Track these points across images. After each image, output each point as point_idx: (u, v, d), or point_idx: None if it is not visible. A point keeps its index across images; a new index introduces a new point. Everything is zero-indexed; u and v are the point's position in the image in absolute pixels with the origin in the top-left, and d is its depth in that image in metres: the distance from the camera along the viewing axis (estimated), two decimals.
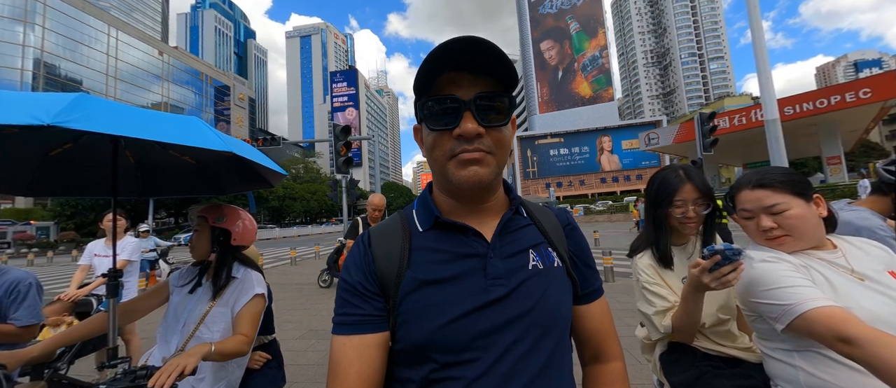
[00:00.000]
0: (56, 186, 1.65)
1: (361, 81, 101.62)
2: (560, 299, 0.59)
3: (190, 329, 1.28)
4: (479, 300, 0.53)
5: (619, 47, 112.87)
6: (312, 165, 67.27)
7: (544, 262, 0.59)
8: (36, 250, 16.96)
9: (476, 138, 0.52)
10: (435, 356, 0.53)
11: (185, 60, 72.34)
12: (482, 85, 0.52)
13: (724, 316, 1.18)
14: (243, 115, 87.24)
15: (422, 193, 0.66)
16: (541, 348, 0.54)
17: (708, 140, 10.38)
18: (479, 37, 0.49)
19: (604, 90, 67.91)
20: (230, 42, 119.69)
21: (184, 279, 1.40)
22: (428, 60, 0.50)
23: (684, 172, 1.20)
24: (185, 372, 1.02)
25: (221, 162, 1.61)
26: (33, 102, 0.92)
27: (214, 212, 1.41)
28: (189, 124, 1.18)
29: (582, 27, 69.19)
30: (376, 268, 0.57)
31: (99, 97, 1.03)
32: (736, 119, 18.82)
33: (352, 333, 0.54)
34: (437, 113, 0.53)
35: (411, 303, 0.54)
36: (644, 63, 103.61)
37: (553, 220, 0.67)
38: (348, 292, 0.57)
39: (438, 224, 0.59)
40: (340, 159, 8.77)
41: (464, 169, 0.52)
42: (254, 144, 16.21)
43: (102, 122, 0.93)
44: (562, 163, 58.71)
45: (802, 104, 16.40)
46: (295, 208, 49.93)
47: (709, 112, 9.87)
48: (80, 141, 1.42)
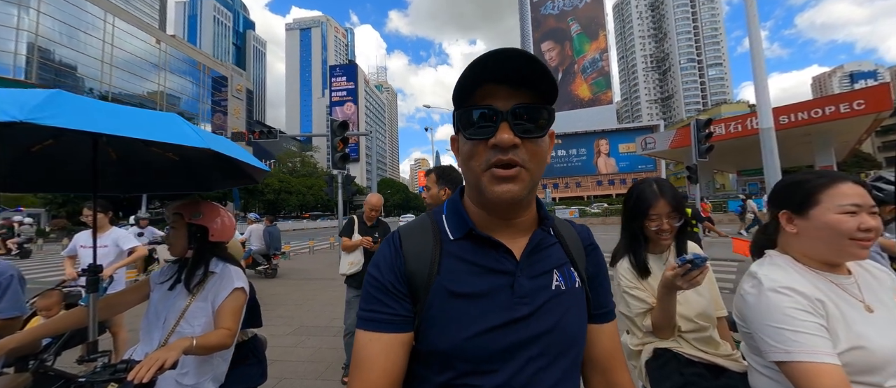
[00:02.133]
0: (37, 181, 1.64)
1: (361, 75, 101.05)
2: (577, 321, 0.60)
3: (170, 325, 1.29)
4: (505, 317, 0.55)
5: (620, 50, 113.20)
6: (309, 160, 66.85)
7: (566, 282, 0.61)
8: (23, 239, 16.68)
9: (511, 149, 0.52)
10: (457, 364, 0.54)
11: (183, 50, 71.44)
12: (520, 97, 0.53)
13: (704, 323, 1.23)
14: (241, 106, 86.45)
15: (452, 198, 0.66)
16: (556, 366, 0.56)
17: (703, 146, 10.47)
18: (520, 49, 0.50)
19: (603, 93, 68.17)
20: (229, 33, 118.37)
21: (164, 276, 1.40)
22: (468, 71, 0.51)
23: (658, 186, 1.25)
24: (166, 366, 1.02)
25: (205, 159, 1.60)
26: (7, 97, 0.90)
27: (190, 208, 1.40)
28: (167, 121, 1.17)
29: (583, 29, 69.32)
30: (407, 269, 0.58)
31: (75, 94, 1.02)
32: (732, 126, 18.99)
33: (379, 330, 0.55)
34: (473, 122, 0.53)
35: (439, 310, 0.55)
36: (643, 67, 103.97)
37: (576, 238, 0.68)
38: (378, 290, 0.57)
39: (471, 236, 0.59)
40: (337, 155, 8.73)
41: (497, 185, 0.53)
42: (250, 136, 16.05)
43: (77, 119, 0.93)
44: (559, 164, 58.91)
45: (798, 113, 16.58)
46: (291, 201, 49.66)
47: (705, 119, 9.95)
48: (63, 137, 1.40)
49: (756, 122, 8.72)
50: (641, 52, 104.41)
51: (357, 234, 3.08)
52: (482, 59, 0.50)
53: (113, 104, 1.13)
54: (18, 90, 0.96)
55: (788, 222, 0.89)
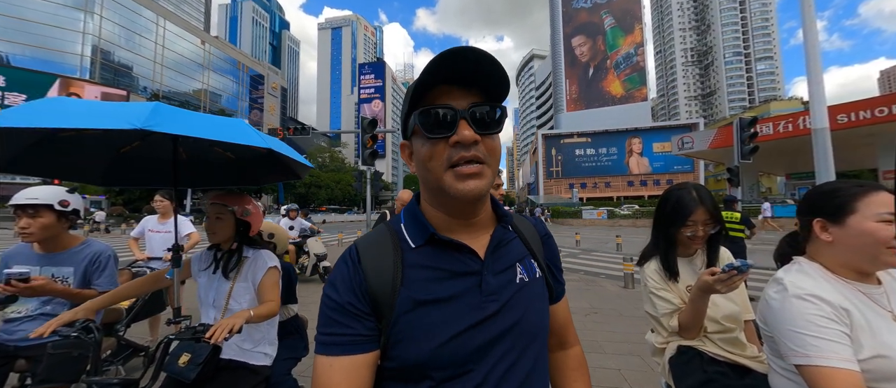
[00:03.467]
0: (124, 177, 1.95)
1: (388, 73, 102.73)
2: (542, 310, 0.63)
3: (221, 304, 1.52)
4: (476, 317, 0.55)
5: (657, 44, 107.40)
6: (338, 155, 69.04)
7: (529, 274, 0.63)
8: (89, 222, 19.25)
9: (473, 145, 0.53)
10: (432, 373, 0.53)
11: (225, 50, 75.85)
12: (473, 96, 0.55)
13: (730, 325, 1.24)
14: (275, 103, 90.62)
15: (409, 205, 0.66)
16: (527, 355, 0.58)
17: (747, 147, 9.79)
18: (467, 47, 0.50)
19: (637, 89, 65.11)
20: (266, 33, 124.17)
21: (205, 263, 1.60)
22: (423, 74, 0.53)
23: (697, 194, 1.27)
24: (234, 330, 1.25)
25: (257, 157, 1.84)
26: (126, 110, 1.15)
27: (241, 205, 1.59)
28: (237, 126, 1.39)
29: (617, 22, 66.41)
30: (368, 287, 0.56)
31: (170, 105, 1.26)
32: (780, 126, 17.59)
33: (339, 354, 0.53)
34: (432, 122, 0.54)
35: (407, 323, 0.54)
36: (683, 62, 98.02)
37: (533, 231, 0.71)
38: (336, 311, 0.55)
39: (432, 241, 0.59)
40: (367, 152, 9.04)
41: (462, 182, 0.53)
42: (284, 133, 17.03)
43: (176, 125, 1.18)
44: (587, 163, 57.08)
45: (859, 112, 15.08)
46: (320, 195, 51.65)
47: (750, 117, 9.33)
48: (147, 140, 1.66)
49: (808, 121, 8.04)
50: (681, 46, 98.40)
51: None
52: (432, 62, 0.51)
53: (196, 112, 1.35)
54: (129, 104, 1.20)
55: (823, 230, 0.87)
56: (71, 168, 1.71)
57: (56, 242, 1.66)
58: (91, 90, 33.29)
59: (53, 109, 1.13)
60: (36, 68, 36.93)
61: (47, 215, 1.58)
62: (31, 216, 1.56)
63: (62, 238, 1.68)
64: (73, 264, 1.66)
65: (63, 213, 1.63)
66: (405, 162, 0.62)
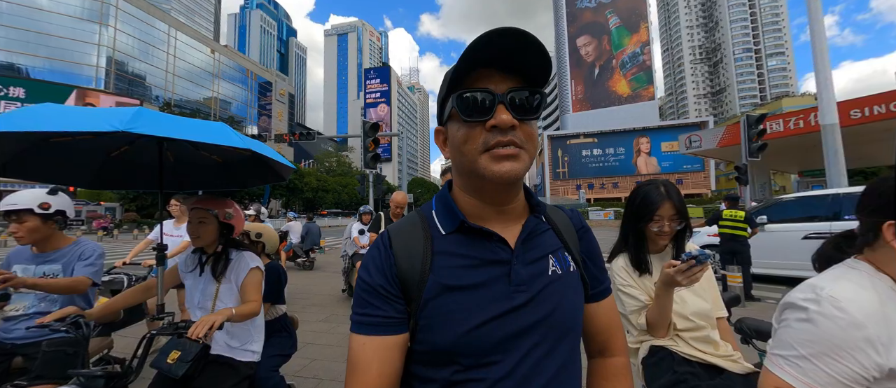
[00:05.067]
0: (114, 180, 2.02)
1: (394, 77, 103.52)
2: (575, 304, 0.61)
3: (208, 305, 1.59)
4: (503, 307, 0.54)
5: (664, 42, 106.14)
6: (344, 159, 69.66)
7: (562, 267, 0.61)
8: (104, 229, 19.96)
9: (510, 130, 0.52)
10: (459, 359, 0.54)
11: (234, 58, 77.44)
12: (512, 81, 0.53)
13: (701, 322, 1.23)
14: (283, 109, 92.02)
15: (440, 192, 0.65)
16: (558, 351, 0.57)
17: (755, 145, 9.63)
18: (509, 28, 0.48)
19: (644, 89, 64.38)
20: (274, 41, 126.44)
21: (191, 265, 1.65)
22: (462, 56, 0.51)
23: (665, 189, 1.27)
24: (215, 326, 1.30)
25: (243, 160, 1.91)
26: (108, 114, 1.21)
27: (223, 209, 1.63)
28: (219, 129, 1.46)
29: (623, 22, 65.89)
30: (398, 271, 0.57)
31: (151, 110, 1.34)
32: (791, 122, 17.21)
33: (372, 333, 0.55)
34: (470, 105, 0.53)
35: (435, 308, 0.55)
36: (691, 59, 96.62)
37: (567, 223, 0.68)
38: (368, 293, 0.57)
39: (462, 228, 0.58)
40: (369, 155, 9.13)
41: (498, 164, 0.52)
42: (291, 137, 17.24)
43: (157, 127, 1.24)
44: (594, 164, 56.52)
45: (873, 107, 14.66)
46: (327, 199, 52.15)
47: (758, 115, 9.17)
48: (135, 144, 1.75)
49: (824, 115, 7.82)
50: (689, 44, 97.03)
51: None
52: (477, 41, 0.49)
53: (178, 117, 1.42)
54: (111, 109, 1.28)
55: None
56: (63, 171, 1.78)
57: (47, 242, 1.74)
58: (106, 100, 34.24)
59: (42, 114, 1.19)
60: (54, 80, 38.27)
61: (31, 218, 1.65)
62: (18, 221, 1.64)
63: (53, 239, 1.76)
64: (62, 262, 1.75)
65: (47, 215, 1.69)
66: (439, 148, 0.62)
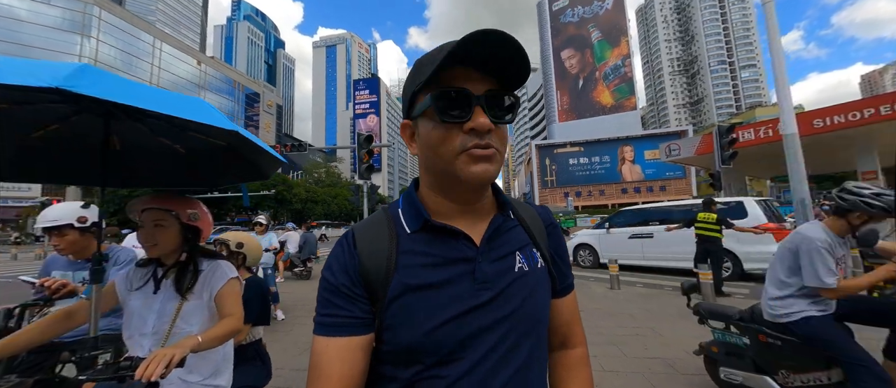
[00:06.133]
0: (36, 171, 1.52)
1: (383, 88, 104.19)
2: (542, 301, 0.61)
3: (164, 328, 1.20)
4: (467, 305, 0.54)
5: (644, 55, 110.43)
6: (334, 170, 69.29)
7: (529, 263, 0.61)
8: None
9: (487, 133, 0.51)
10: (422, 357, 0.53)
11: (221, 70, 76.73)
12: (489, 82, 0.53)
13: None
14: (271, 121, 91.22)
15: (407, 190, 0.65)
16: (521, 346, 0.56)
17: (726, 153, 10.33)
18: (492, 30, 0.47)
19: (626, 99, 66.61)
20: (261, 52, 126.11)
21: (141, 281, 1.26)
22: (438, 52, 0.50)
23: None
24: (173, 362, 0.93)
25: (214, 152, 1.45)
26: (40, 67, 0.87)
27: (185, 207, 1.29)
28: (194, 104, 1.11)
29: (604, 36, 68.42)
30: (361, 270, 0.56)
31: (102, 70, 0.97)
32: (761, 131, 18.27)
33: (335, 334, 0.54)
34: (447, 105, 0.52)
35: (399, 307, 0.54)
36: (670, 71, 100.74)
37: (537, 219, 0.68)
38: (332, 293, 0.56)
39: (427, 227, 0.58)
40: (363, 166, 9.38)
41: (475, 165, 0.52)
42: (282, 149, 17.18)
43: (107, 89, 0.89)
44: (581, 172, 57.82)
45: (834, 117, 15.75)
46: (316, 210, 51.63)
47: (729, 125, 9.84)
48: (69, 122, 1.30)
49: None
50: (667, 56, 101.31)
51: None
52: (460, 41, 0.47)
53: (138, 82, 1.09)
54: (44, 61, 0.92)
55: None
56: None
57: (84, 251, 1.89)
58: None
59: None
60: None
61: (71, 232, 1.78)
62: (59, 235, 1.77)
63: (90, 247, 1.88)
64: None
65: (84, 228, 1.84)
66: (405, 143, 0.61)
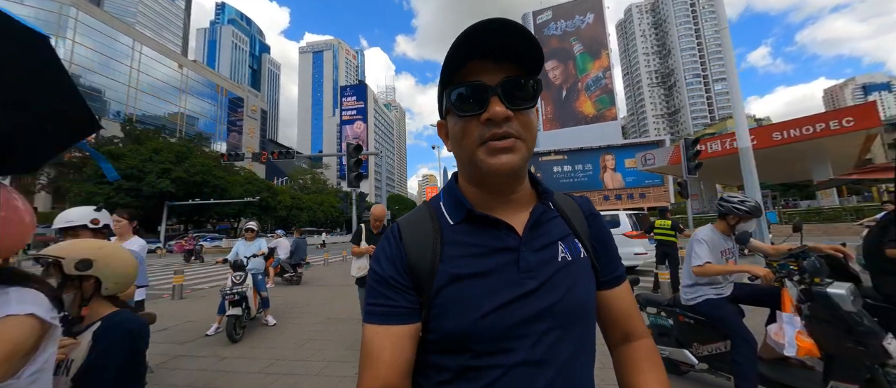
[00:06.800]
0: None
1: (370, 95, 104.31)
2: (586, 290, 0.60)
3: None
4: (513, 293, 0.55)
5: (624, 67, 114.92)
6: (319, 177, 68.64)
7: (572, 253, 0.61)
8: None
9: (505, 122, 0.51)
10: (471, 345, 0.54)
11: (203, 73, 75.21)
12: (506, 70, 0.53)
13: None
14: (255, 126, 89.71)
15: (448, 184, 0.66)
16: (570, 336, 0.56)
17: (692, 164, 11.23)
18: (493, 20, 0.48)
19: (607, 109, 69.05)
20: (246, 56, 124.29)
21: None
22: (452, 49, 0.51)
23: None
24: None
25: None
26: None
27: None
28: None
29: (586, 49, 71.02)
30: (408, 261, 0.58)
31: None
32: (727, 143, 19.60)
33: (384, 323, 0.56)
34: (463, 100, 0.53)
35: (446, 297, 0.55)
36: (649, 83, 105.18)
37: (577, 210, 0.68)
38: (380, 284, 0.58)
39: (470, 218, 0.59)
40: (352, 175, 9.72)
41: (494, 157, 0.52)
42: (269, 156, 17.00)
43: None
44: (565, 179, 59.31)
45: (790, 130, 17.18)
46: (302, 217, 50.98)
47: (694, 137, 10.72)
48: None
49: (752, 138, 9.44)
50: (646, 69, 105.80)
51: (364, 242, 3.59)
52: (462, 37, 0.49)
53: None
54: None
55: None
56: None
57: None
58: None
59: None
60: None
61: (85, 233, 1.87)
62: (73, 236, 1.83)
63: None
64: None
65: (97, 229, 1.92)
66: (442, 141, 0.62)
